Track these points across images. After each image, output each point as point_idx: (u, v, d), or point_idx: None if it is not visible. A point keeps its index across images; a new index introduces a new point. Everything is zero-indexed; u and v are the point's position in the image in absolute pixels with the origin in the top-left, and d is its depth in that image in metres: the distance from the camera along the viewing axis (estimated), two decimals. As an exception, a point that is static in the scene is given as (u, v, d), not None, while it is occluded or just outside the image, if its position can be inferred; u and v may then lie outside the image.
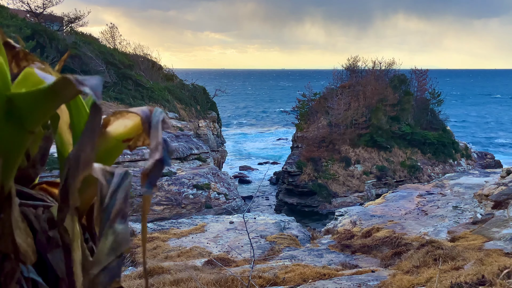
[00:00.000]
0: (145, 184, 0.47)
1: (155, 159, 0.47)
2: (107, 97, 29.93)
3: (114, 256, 0.44)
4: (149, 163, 0.47)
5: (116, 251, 0.44)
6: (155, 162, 0.47)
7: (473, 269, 7.51)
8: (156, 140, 0.49)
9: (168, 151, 0.48)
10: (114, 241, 0.44)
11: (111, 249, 0.44)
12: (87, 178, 0.51)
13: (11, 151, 0.49)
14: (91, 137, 0.46)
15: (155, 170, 0.47)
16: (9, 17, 30.11)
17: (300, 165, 34.94)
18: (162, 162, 0.47)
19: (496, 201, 16.08)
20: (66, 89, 0.45)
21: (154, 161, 0.47)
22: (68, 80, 0.45)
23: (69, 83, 0.45)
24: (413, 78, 43.84)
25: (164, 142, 0.49)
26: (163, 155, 0.48)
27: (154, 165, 0.47)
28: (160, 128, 0.50)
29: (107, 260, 0.44)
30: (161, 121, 0.51)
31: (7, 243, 0.48)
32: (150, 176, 0.47)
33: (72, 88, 0.45)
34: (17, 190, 0.53)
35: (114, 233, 0.44)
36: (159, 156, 0.47)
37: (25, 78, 0.50)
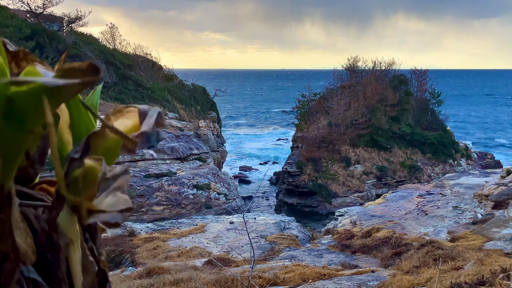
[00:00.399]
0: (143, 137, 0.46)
1: (142, 131, 0.48)
2: (107, 97, 29.93)
3: (114, 209, 0.44)
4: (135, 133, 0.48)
5: (116, 206, 0.44)
6: (141, 132, 0.47)
7: (473, 269, 7.51)
8: (147, 122, 0.49)
9: (157, 137, 0.48)
10: (116, 201, 0.44)
11: (111, 204, 0.44)
12: (87, 177, 0.51)
13: (11, 151, 0.49)
14: None
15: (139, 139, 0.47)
16: (8, 17, 30.10)
17: (300, 165, 34.94)
18: (148, 136, 0.47)
19: (496, 201, 16.08)
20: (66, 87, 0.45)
21: (140, 131, 0.48)
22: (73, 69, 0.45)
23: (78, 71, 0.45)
24: (413, 78, 43.88)
25: (157, 131, 0.49)
26: (151, 132, 0.48)
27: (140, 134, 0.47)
28: (154, 118, 0.50)
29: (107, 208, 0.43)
30: (157, 113, 0.51)
31: (7, 243, 0.48)
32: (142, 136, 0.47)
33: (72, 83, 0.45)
34: (17, 190, 0.53)
35: (116, 196, 0.44)
36: (147, 129, 0.47)
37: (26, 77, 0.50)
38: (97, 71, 0.46)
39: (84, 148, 0.51)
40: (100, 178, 0.46)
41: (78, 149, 0.51)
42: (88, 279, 0.54)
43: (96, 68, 0.46)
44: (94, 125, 0.60)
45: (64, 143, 0.59)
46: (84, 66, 0.46)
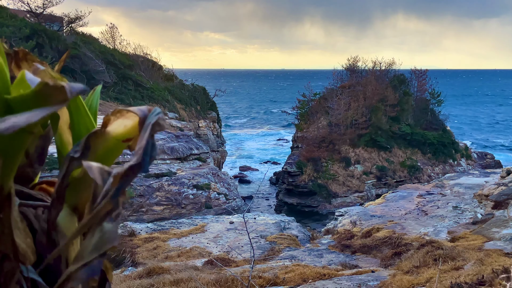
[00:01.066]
0: (113, 189, 0.45)
1: (130, 164, 0.46)
2: (107, 97, 29.94)
3: (97, 253, 0.43)
4: (124, 167, 0.46)
5: (99, 249, 0.43)
6: (129, 167, 0.45)
7: (473, 269, 7.51)
8: (140, 144, 0.48)
9: (150, 155, 0.47)
10: (100, 239, 0.44)
11: (95, 247, 0.43)
12: (87, 177, 0.51)
13: (11, 151, 0.49)
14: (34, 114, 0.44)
15: (128, 174, 0.45)
16: (8, 17, 30.10)
17: (300, 165, 34.94)
18: (139, 166, 0.46)
19: (496, 201, 16.08)
20: (51, 94, 0.45)
21: (128, 165, 0.46)
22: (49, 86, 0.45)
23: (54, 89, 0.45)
24: (413, 78, 43.86)
25: (151, 145, 0.48)
26: (141, 160, 0.46)
27: (128, 169, 0.45)
28: (149, 131, 0.49)
29: (89, 257, 0.43)
30: (154, 123, 0.50)
31: (6, 243, 0.48)
32: (121, 180, 0.45)
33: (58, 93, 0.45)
34: (17, 190, 0.53)
35: (102, 231, 0.44)
36: (135, 162, 0.46)
37: (22, 79, 0.51)
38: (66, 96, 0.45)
39: (84, 147, 0.51)
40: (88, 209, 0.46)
41: (78, 148, 0.51)
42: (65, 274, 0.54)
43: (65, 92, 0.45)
44: (94, 125, 0.60)
45: (64, 143, 0.59)
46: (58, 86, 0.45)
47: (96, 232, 0.44)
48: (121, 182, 0.45)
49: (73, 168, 0.51)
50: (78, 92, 0.46)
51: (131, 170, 0.46)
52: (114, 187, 0.45)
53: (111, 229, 0.44)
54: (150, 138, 0.48)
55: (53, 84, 0.45)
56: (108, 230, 0.44)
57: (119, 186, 0.45)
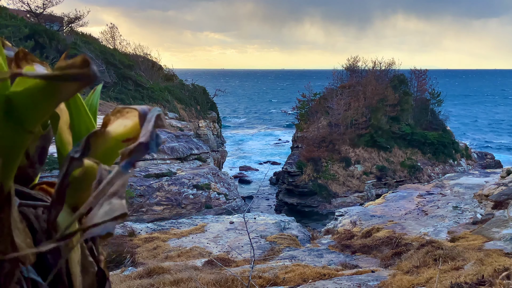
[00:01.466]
0: (123, 162, 0.46)
1: (139, 142, 0.47)
2: (107, 97, 29.93)
3: (108, 217, 0.43)
4: (133, 144, 0.47)
5: (111, 214, 0.43)
6: (138, 144, 0.47)
7: (473, 269, 7.51)
8: (146, 129, 0.49)
9: (157, 141, 0.48)
10: (110, 208, 0.44)
11: (105, 213, 0.43)
12: (87, 177, 0.51)
13: (11, 151, 0.49)
14: None
15: (137, 151, 0.47)
16: (8, 17, 30.10)
17: (300, 165, 34.94)
18: (146, 146, 0.47)
19: (496, 201, 16.08)
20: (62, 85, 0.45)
21: (137, 143, 0.47)
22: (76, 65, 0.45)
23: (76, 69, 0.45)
24: (413, 78, 43.86)
25: (156, 134, 0.49)
26: (149, 140, 0.48)
27: (137, 146, 0.47)
28: (153, 121, 0.50)
29: (100, 219, 0.43)
30: (156, 116, 0.51)
31: (6, 243, 0.48)
32: (131, 156, 0.47)
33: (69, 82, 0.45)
34: (17, 190, 0.53)
35: (110, 203, 0.44)
36: (144, 140, 0.47)
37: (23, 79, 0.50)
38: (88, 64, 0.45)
39: (84, 147, 0.51)
40: (94, 188, 0.46)
41: (78, 148, 0.51)
42: (87, 279, 0.54)
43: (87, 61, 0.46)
44: (94, 125, 0.60)
45: (64, 143, 0.59)
46: (78, 61, 0.46)
47: (105, 204, 0.44)
48: (130, 156, 0.46)
49: (73, 168, 0.51)
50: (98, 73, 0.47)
51: (140, 145, 0.47)
52: (124, 159, 0.46)
53: (119, 202, 0.44)
54: (154, 128, 0.49)
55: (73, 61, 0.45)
56: (116, 203, 0.44)
57: (129, 160, 0.46)
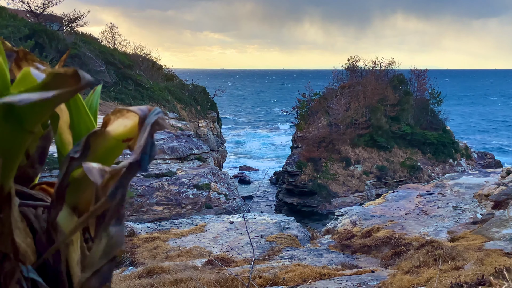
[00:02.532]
0: (111, 188, 0.44)
1: (128, 162, 0.45)
2: (107, 97, 29.94)
3: (106, 259, 0.43)
4: (121, 164, 0.45)
5: (108, 255, 0.43)
6: (128, 165, 0.45)
7: (473, 269, 7.51)
8: (139, 143, 0.47)
9: (150, 155, 0.46)
10: (108, 244, 0.43)
11: (104, 253, 0.43)
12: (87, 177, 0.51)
13: (11, 151, 0.49)
14: None
15: (126, 173, 0.45)
16: (8, 17, 30.10)
17: (300, 165, 34.94)
18: (138, 165, 0.45)
19: (496, 201, 16.08)
20: (64, 84, 0.45)
21: (127, 163, 0.45)
22: (61, 74, 0.45)
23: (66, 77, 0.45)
24: (413, 78, 43.87)
25: (151, 145, 0.47)
26: (140, 159, 0.45)
27: (127, 168, 0.45)
28: (149, 130, 0.48)
29: (99, 263, 0.43)
30: (153, 122, 0.50)
31: (6, 243, 0.48)
32: (119, 180, 0.44)
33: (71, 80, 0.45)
34: (17, 190, 0.53)
35: (108, 235, 0.44)
36: (133, 160, 0.45)
37: (23, 78, 0.50)
38: (79, 80, 0.44)
39: (84, 147, 0.51)
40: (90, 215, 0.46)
41: (78, 148, 0.51)
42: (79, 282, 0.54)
43: (78, 76, 0.44)
44: (94, 125, 0.60)
45: (64, 143, 0.59)
46: (69, 72, 0.45)
47: (103, 237, 0.44)
48: (120, 180, 0.44)
49: (73, 168, 0.51)
50: (90, 80, 0.46)
51: (130, 168, 0.45)
52: (113, 185, 0.45)
53: (117, 232, 0.44)
54: (150, 137, 0.48)
55: (64, 71, 0.45)
56: (114, 234, 0.44)
57: (117, 184, 0.44)
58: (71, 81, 0.45)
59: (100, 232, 0.44)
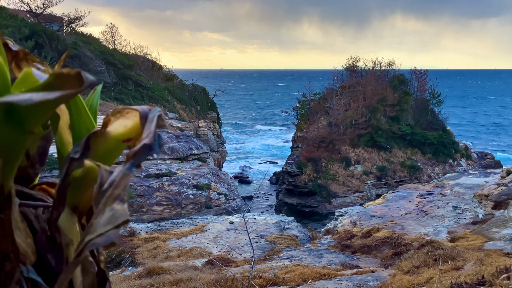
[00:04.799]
0: (128, 163, 0.47)
1: (143, 143, 0.48)
2: (107, 97, 29.94)
3: (111, 226, 0.43)
4: (137, 146, 0.48)
5: (113, 222, 0.43)
6: (142, 145, 0.48)
7: (473, 269, 7.51)
8: (148, 130, 0.50)
9: (159, 142, 0.49)
10: (112, 215, 0.44)
11: (108, 221, 0.43)
12: (87, 177, 0.51)
13: (11, 151, 0.49)
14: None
15: (141, 152, 0.48)
16: (8, 17, 30.11)
17: (300, 166, 34.94)
18: (150, 147, 0.48)
19: (496, 201, 16.08)
20: (66, 84, 0.45)
21: (141, 144, 0.48)
22: (63, 75, 0.45)
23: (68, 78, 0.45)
24: (413, 79, 43.86)
25: (158, 135, 0.49)
26: (152, 142, 0.48)
27: (141, 148, 0.48)
28: (155, 122, 0.51)
29: (103, 229, 0.43)
30: (158, 116, 0.52)
31: (6, 243, 0.48)
32: (136, 157, 0.47)
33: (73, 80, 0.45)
34: (17, 190, 0.53)
35: (112, 210, 0.44)
36: (148, 142, 0.48)
37: (24, 78, 0.50)
38: (82, 82, 0.45)
39: (84, 148, 0.51)
40: (96, 192, 0.46)
41: (78, 149, 0.51)
42: (87, 279, 0.54)
43: (81, 78, 0.45)
44: (94, 125, 0.60)
45: (64, 143, 0.59)
46: (72, 73, 0.45)
47: (107, 211, 0.44)
48: (135, 158, 0.47)
49: (73, 169, 0.51)
50: (93, 81, 0.47)
51: (144, 147, 0.47)
52: (129, 161, 0.47)
53: (122, 208, 0.44)
54: (156, 128, 0.50)
55: (67, 72, 0.45)
56: (119, 208, 0.44)
57: (133, 161, 0.47)
58: (74, 82, 0.45)
59: (104, 208, 0.44)
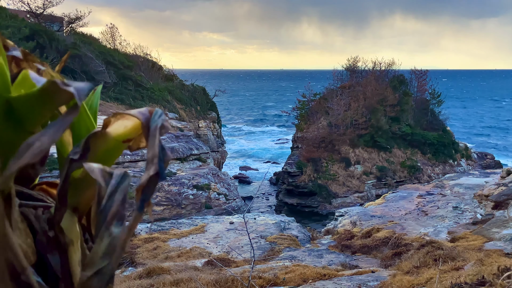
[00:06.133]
0: (139, 201, 0.45)
1: (150, 175, 0.46)
2: (107, 98, 29.93)
3: (108, 259, 0.43)
4: (144, 178, 0.46)
5: (111, 255, 0.43)
6: (149, 178, 0.46)
7: (473, 269, 7.50)
8: (152, 151, 0.47)
9: (164, 161, 0.47)
10: (110, 244, 0.43)
11: (105, 253, 0.43)
12: (87, 178, 0.51)
13: (11, 151, 0.49)
14: (55, 130, 0.44)
15: (149, 185, 0.46)
16: (8, 17, 30.11)
17: (300, 166, 34.93)
18: (157, 177, 0.46)
19: (496, 202, 16.07)
20: (57, 93, 0.45)
21: (148, 176, 0.46)
22: (55, 83, 0.45)
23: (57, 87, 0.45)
24: (413, 79, 43.86)
25: (162, 150, 0.48)
26: (159, 169, 0.46)
27: (149, 180, 0.46)
28: (158, 136, 0.49)
29: (101, 263, 0.43)
30: (160, 126, 0.50)
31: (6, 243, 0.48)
32: (144, 192, 0.46)
33: (61, 91, 0.45)
34: (17, 190, 0.53)
35: (110, 236, 0.43)
36: (154, 171, 0.46)
37: (23, 79, 0.50)
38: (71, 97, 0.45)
39: (83, 148, 0.51)
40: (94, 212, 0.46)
41: (78, 150, 0.51)
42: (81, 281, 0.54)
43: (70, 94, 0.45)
44: (94, 125, 0.60)
45: (64, 143, 0.59)
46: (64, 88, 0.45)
47: (105, 237, 0.44)
48: (144, 193, 0.46)
49: (73, 170, 0.51)
50: (86, 95, 0.46)
51: (151, 180, 0.46)
52: (139, 199, 0.45)
53: (119, 233, 0.44)
54: (160, 143, 0.48)
55: (62, 86, 0.45)
56: (117, 235, 0.44)
57: (142, 197, 0.46)
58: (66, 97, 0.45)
59: (102, 232, 0.44)
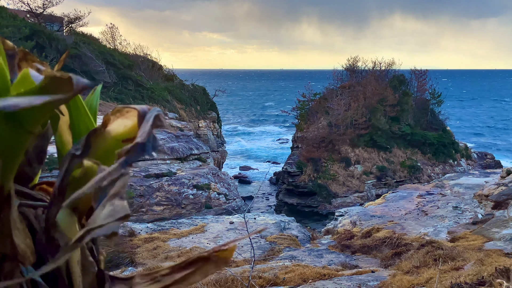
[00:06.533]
0: (121, 160, 0.46)
1: (136, 141, 0.47)
2: (107, 97, 29.94)
3: (112, 219, 0.43)
4: (130, 144, 0.47)
5: (114, 216, 0.43)
6: (135, 144, 0.47)
7: (473, 269, 7.50)
8: (143, 130, 0.49)
9: (153, 143, 0.48)
10: (113, 209, 0.43)
11: (108, 215, 0.43)
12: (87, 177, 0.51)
13: (11, 151, 0.49)
14: None
15: (133, 151, 0.47)
16: (8, 17, 30.10)
17: (300, 166, 34.94)
18: (143, 146, 0.47)
19: (496, 202, 16.08)
20: (59, 88, 0.45)
21: (134, 143, 0.47)
22: (56, 78, 0.45)
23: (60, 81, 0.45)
24: (413, 79, 43.85)
25: (153, 136, 0.49)
26: (145, 141, 0.47)
27: (134, 146, 0.47)
28: (151, 121, 0.50)
29: (104, 221, 0.43)
30: (155, 116, 0.51)
31: (6, 243, 0.48)
32: (128, 155, 0.46)
33: (61, 82, 0.45)
34: (17, 190, 0.53)
35: (113, 205, 0.44)
36: (141, 140, 0.47)
37: (23, 79, 0.50)
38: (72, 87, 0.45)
39: (84, 145, 0.51)
40: (96, 190, 0.46)
41: (79, 146, 0.51)
42: (87, 279, 0.54)
43: (71, 83, 0.45)
44: (94, 125, 0.60)
45: (64, 143, 0.59)
46: (65, 77, 0.45)
47: (107, 205, 0.44)
48: (128, 156, 0.46)
49: (74, 165, 0.51)
50: (84, 85, 0.46)
51: (136, 146, 0.47)
52: (122, 157, 0.46)
53: (122, 203, 0.44)
54: (152, 128, 0.49)
55: (60, 75, 0.45)
56: (119, 203, 0.44)
57: (126, 158, 0.46)
58: (65, 86, 0.45)
59: (104, 203, 0.44)
